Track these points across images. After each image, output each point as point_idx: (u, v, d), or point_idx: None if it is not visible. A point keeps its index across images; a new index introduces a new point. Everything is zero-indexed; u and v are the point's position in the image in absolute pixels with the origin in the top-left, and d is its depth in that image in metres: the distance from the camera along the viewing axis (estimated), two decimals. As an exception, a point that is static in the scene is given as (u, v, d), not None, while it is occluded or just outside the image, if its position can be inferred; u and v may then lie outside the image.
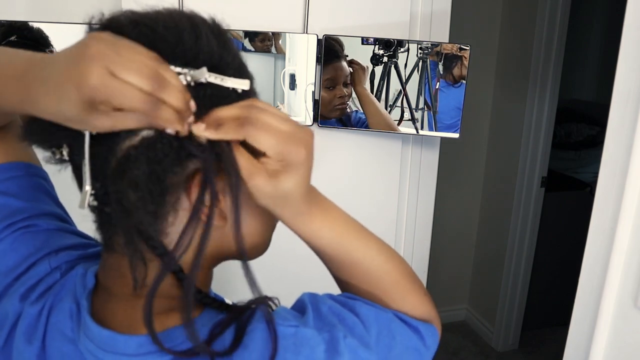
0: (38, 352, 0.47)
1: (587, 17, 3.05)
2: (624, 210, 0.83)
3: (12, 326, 0.49)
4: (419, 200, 1.62)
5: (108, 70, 0.37)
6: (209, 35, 0.44)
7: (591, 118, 3.01)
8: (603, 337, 0.89)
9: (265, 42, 1.34)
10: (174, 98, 0.40)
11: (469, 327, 2.88)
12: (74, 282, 0.50)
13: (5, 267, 0.52)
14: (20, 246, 0.53)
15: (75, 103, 0.38)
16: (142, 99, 0.38)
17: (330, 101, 1.39)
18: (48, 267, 0.52)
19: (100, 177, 0.42)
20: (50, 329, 0.48)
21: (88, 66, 0.37)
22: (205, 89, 0.43)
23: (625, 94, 0.83)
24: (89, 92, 0.37)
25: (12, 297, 0.50)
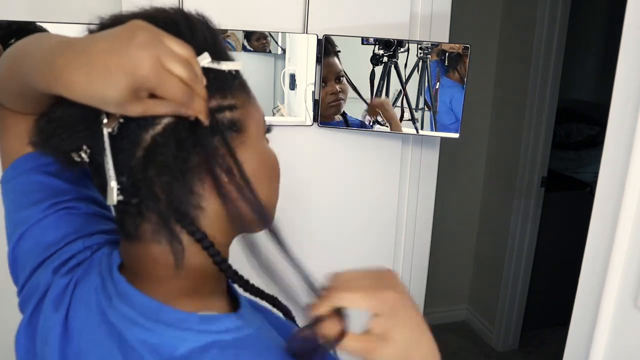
0: (62, 320, 0.50)
1: (587, 17, 3.05)
2: (624, 210, 0.83)
3: (42, 295, 0.53)
4: (419, 200, 1.62)
5: (157, 60, 0.40)
6: (201, 24, 0.48)
7: (591, 118, 3.01)
8: (603, 337, 0.89)
9: (260, 41, 1.33)
10: (202, 89, 0.44)
11: (469, 327, 2.88)
12: (99, 260, 0.54)
13: (45, 242, 0.56)
14: (62, 225, 0.57)
15: (122, 89, 0.40)
16: (183, 89, 0.42)
17: (323, 99, 1.38)
18: (82, 245, 0.56)
19: (125, 170, 0.45)
20: (74, 300, 0.51)
21: (141, 55, 0.39)
22: (208, 73, 0.46)
23: (625, 94, 0.83)
24: (141, 80, 0.40)
25: (46, 269, 0.54)
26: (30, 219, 0.57)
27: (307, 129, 1.42)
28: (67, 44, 0.43)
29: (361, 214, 1.55)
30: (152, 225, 0.48)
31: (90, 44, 0.41)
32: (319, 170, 1.48)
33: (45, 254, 0.56)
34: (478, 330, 2.82)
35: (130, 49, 0.39)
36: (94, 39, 0.42)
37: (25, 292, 0.56)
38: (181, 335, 0.45)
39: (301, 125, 1.41)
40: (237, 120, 0.50)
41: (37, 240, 0.57)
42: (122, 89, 0.40)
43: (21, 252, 0.57)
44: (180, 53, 0.42)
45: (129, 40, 0.40)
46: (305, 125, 1.41)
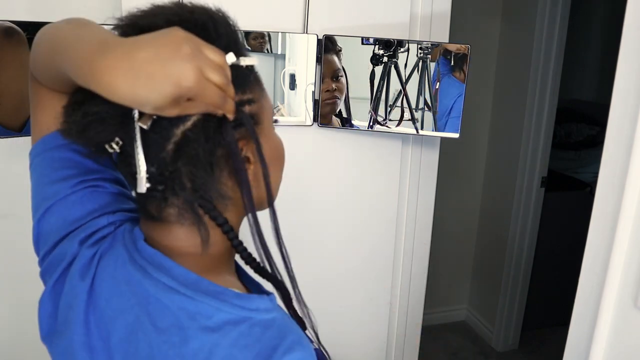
0: (88, 288, 0.54)
1: (587, 17, 3.05)
2: (624, 210, 0.83)
3: (68, 264, 0.57)
4: (419, 200, 1.62)
5: (201, 71, 0.43)
6: (223, 22, 0.51)
7: (591, 118, 3.01)
8: (603, 337, 0.89)
9: (258, 40, 1.33)
10: (232, 91, 0.48)
11: (469, 327, 2.88)
12: (122, 235, 0.57)
13: (72, 217, 0.59)
14: (88, 202, 0.60)
15: (166, 97, 0.43)
16: (220, 95, 0.46)
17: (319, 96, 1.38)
18: (106, 221, 0.60)
19: (155, 161, 0.49)
20: (100, 270, 0.55)
21: (186, 66, 0.42)
22: (231, 71, 0.49)
23: (625, 94, 0.83)
24: (186, 91, 0.43)
25: (72, 240, 0.58)
26: (58, 194, 0.60)
27: (307, 129, 1.42)
28: (109, 46, 0.44)
29: (361, 214, 1.55)
30: (176, 209, 0.52)
31: (133, 50, 0.43)
32: (319, 170, 1.48)
33: (71, 227, 0.59)
34: (478, 330, 2.82)
35: (177, 61, 0.42)
36: (137, 44, 0.43)
37: (48, 262, 0.59)
38: (218, 306, 0.50)
39: (301, 125, 1.41)
40: (255, 113, 0.54)
41: (63, 215, 0.60)
42: (166, 96, 0.43)
43: (47, 224, 0.60)
44: (216, 60, 0.45)
45: (175, 52, 0.42)
46: (305, 125, 1.41)
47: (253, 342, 0.49)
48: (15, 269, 1.30)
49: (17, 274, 1.28)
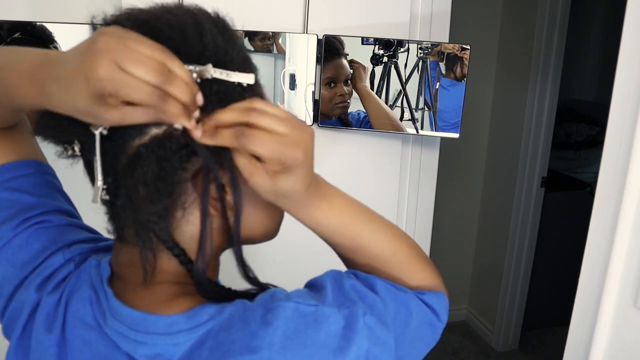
0: (58, 340, 0.49)
1: (587, 17, 3.05)
2: (624, 210, 0.83)
3: (28, 316, 0.51)
4: (419, 200, 1.62)
5: (116, 64, 0.38)
6: (213, 30, 0.45)
7: (591, 118, 3.01)
8: (603, 337, 0.89)
9: (265, 41, 1.34)
10: (180, 91, 0.41)
11: (469, 327, 2.88)
12: (88, 272, 0.52)
13: (21, 260, 0.54)
14: (35, 241, 0.55)
15: (85, 96, 0.39)
16: (149, 92, 0.39)
17: (331, 99, 1.39)
18: (62, 259, 0.54)
19: (111, 172, 0.45)
20: (69, 317, 0.49)
21: (96, 59, 0.38)
22: (212, 84, 0.44)
23: (625, 94, 0.83)
24: (97, 84, 0.38)
25: (28, 288, 0.52)
26: (1, 240, 0.54)
27: (307, 129, 1.42)
28: (48, 57, 0.43)
29: (361, 214, 1.55)
30: (132, 230, 0.46)
31: (64, 55, 0.41)
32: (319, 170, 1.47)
33: (24, 273, 0.53)
34: (478, 330, 2.82)
35: (89, 56, 0.39)
36: (68, 51, 0.42)
37: (7, 316, 0.53)
38: (175, 340, 0.45)
39: (301, 125, 1.41)
40: None
41: (11, 261, 0.54)
42: (84, 95, 0.39)
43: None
44: (149, 54, 0.39)
45: (89, 47, 0.39)
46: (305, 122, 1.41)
47: (228, 346, 0.44)
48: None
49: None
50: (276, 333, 0.44)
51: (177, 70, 0.41)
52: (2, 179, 0.56)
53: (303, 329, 0.44)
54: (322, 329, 0.45)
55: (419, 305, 0.55)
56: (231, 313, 0.46)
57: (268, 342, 0.43)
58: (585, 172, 2.90)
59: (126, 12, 0.46)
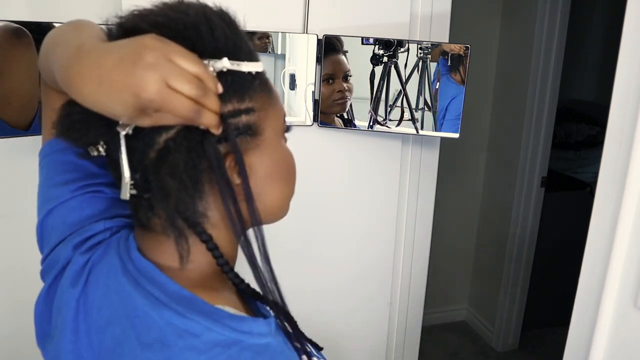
0: (78, 296, 0.52)
1: (587, 17, 3.05)
2: (624, 210, 0.83)
3: (61, 269, 0.56)
4: (419, 200, 1.62)
5: (164, 81, 0.41)
6: (221, 24, 0.48)
7: (591, 118, 3.01)
8: (603, 337, 0.89)
9: (263, 40, 1.34)
10: (213, 103, 0.44)
11: (469, 327, 2.88)
12: (117, 243, 0.55)
13: (71, 220, 0.59)
14: (87, 207, 0.60)
15: (129, 107, 0.41)
16: (191, 108, 0.42)
17: (329, 96, 1.38)
18: (102, 226, 0.59)
19: (139, 168, 0.47)
20: (92, 279, 0.53)
21: (146, 77, 0.40)
22: (227, 77, 0.47)
23: (625, 94, 0.83)
24: (146, 102, 0.41)
25: (67, 244, 0.57)
26: (59, 198, 0.60)
27: (307, 129, 1.42)
28: (83, 52, 0.44)
29: (361, 214, 1.55)
30: (161, 220, 0.50)
31: (102, 56, 0.42)
32: (319, 170, 1.48)
33: (69, 232, 0.59)
34: (478, 330, 2.82)
35: (136, 70, 0.40)
36: (106, 51, 0.43)
37: (47, 264, 0.59)
38: (209, 325, 0.47)
39: (301, 125, 1.41)
40: (253, 124, 0.51)
41: (63, 219, 0.60)
42: (127, 107, 0.41)
43: (48, 226, 0.61)
44: (190, 70, 0.42)
45: (135, 61, 0.41)
46: (305, 125, 1.41)
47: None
48: (16, 269, 1.30)
49: (17, 273, 1.28)
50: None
51: (210, 82, 0.44)
52: None
53: None
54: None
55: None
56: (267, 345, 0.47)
57: None
58: (585, 172, 2.90)
59: (139, 14, 0.48)
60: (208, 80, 0.44)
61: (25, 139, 1.10)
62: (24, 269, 0.94)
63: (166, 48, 0.42)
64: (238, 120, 0.49)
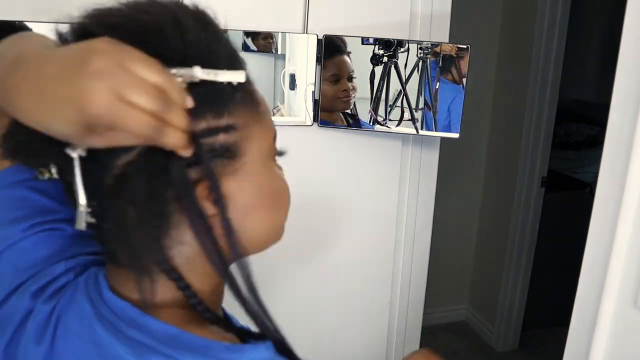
0: (45, 353, 0.45)
1: (587, 17, 3.05)
2: (624, 210, 0.83)
3: (19, 324, 0.47)
4: (419, 200, 1.62)
5: (115, 93, 0.33)
6: (195, 27, 0.40)
7: (591, 118, 3.01)
8: (603, 337, 0.89)
9: (267, 40, 1.34)
10: (179, 119, 0.37)
11: (469, 327, 2.88)
12: (86, 284, 0.48)
13: (24, 264, 0.51)
14: (42, 248, 0.52)
15: (71, 125, 0.34)
16: (149, 124, 0.35)
17: (334, 95, 1.39)
18: (63, 267, 0.51)
19: (96, 194, 0.40)
20: (60, 331, 0.45)
21: (91, 87, 0.33)
22: (200, 88, 0.39)
23: (625, 94, 0.83)
24: (94, 118, 0.34)
25: (23, 294, 0.48)
26: (8, 239, 0.51)
27: (307, 129, 1.42)
28: (22, 61, 0.37)
29: (361, 214, 1.55)
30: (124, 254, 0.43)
31: (43, 65, 0.36)
32: (319, 170, 1.48)
33: (23, 277, 0.50)
34: (478, 330, 2.82)
35: (82, 79, 0.33)
36: (48, 58, 0.36)
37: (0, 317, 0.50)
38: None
39: (301, 125, 1.41)
40: (233, 144, 0.43)
41: (14, 262, 0.51)
42: (71, 124, 0.34)
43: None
44: (149, 79, 0.35)
45: (82, 67, 0.33)
46: (305, 125, 1.41)
47: None
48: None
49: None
50: None
51: (175, 94, 0.36)
52: (26, 177, 0.53)
53: None
54: None
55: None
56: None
57: None
58: (585, 172, 2.90)
59: (95, 13, 0.41)
60: (172, 92, 0.36)
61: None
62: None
63: (120, 53, 0.35)
64: (214, 140, 0.42)
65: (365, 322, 1.66)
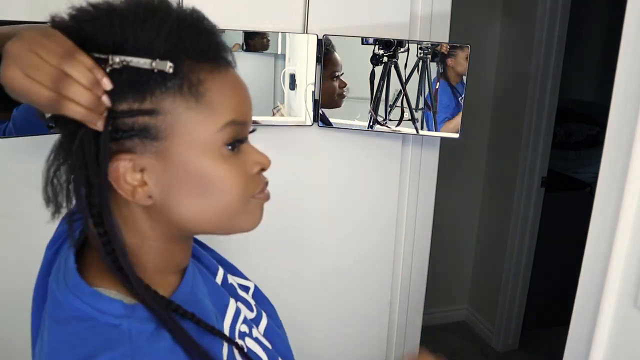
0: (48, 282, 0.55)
1: (587, 17, 3.05)
2: (624, 210, 0.83)
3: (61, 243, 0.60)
4: (419, 200, 1.62)
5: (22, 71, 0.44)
6: (128, 19, 0.47)
7: (591, 118, 3.01)
8: (603, 337, 0.89)
9: (263, 40, 1.34)
10: (78, 95, 0.44)
11: (469, 327, 2.88)
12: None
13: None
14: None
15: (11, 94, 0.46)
16: (47, 97, 0.44)
17: (335, 91, 1.39)
18: None
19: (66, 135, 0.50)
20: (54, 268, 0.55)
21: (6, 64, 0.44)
22: (121, 73, 0.46)
23: (625, 94, 0.83)
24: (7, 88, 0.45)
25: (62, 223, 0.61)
26: None
27: (307, 129, 1.41)
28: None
29: (361, 214, 1.55)
30: None
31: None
32: (318, 170, 1.48)
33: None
34: (478, 330, 2.82)
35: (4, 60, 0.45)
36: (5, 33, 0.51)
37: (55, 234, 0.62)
38: (71, 300, 0.48)
39: (301, 125, 1.41)
40: (154, 127, 0.48)
41: None
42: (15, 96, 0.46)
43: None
44: (50, 61, 0.44)
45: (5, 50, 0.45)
46: (305, 125, 1.41)
47: (80, 343, 0.45)
48: (16, 268, 1.30)
49: (18, 273, 1.28)
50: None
51: (76, 74, 0.44)
52: None
53: None
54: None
55: None
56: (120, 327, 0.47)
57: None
58: (585, 172, 2.90)
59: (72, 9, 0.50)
60: (73, 72, 0.44)
61: (26, 138, 1.10)
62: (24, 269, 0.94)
63: (34, 40, 0.45)
64: (133, 120, 0.48)
65: (365, 322, 1.66)
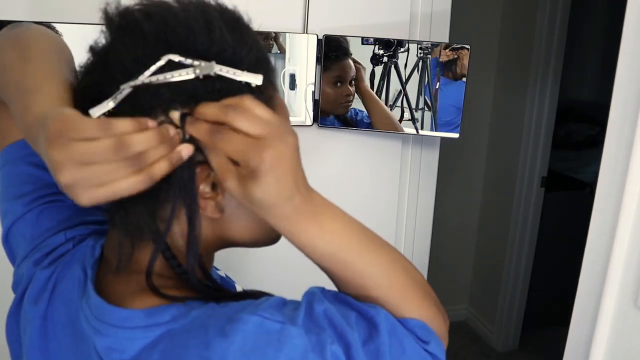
0: (42, 314, 0.50)
1: (587, 17, 3.05)
2: (624, 210, 0.83)
3: (25, 287, 0.53)
4: (419, 200, 1.62)
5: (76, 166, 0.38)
6: (222, 28, 0.44)
7: (591, 118, 3.01)
8: (603, 337, 0.89)
9: (267, 41, 1.34)
10: (154, 156, 0.39)
11: (469, 327, 2.88)
12: (83, 253, 0.52)
13: (30, 235, 0.56)
14: (45, 219, 0.56)
15: None
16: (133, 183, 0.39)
17: (336, 98, 1.39)
18: (63, 237, 0.55)
19: None
20: (57, 294, 0.50)
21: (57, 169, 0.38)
22: (215, 82, 0.43)
23: (625, 94, 0.83)
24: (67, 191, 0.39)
25: (28, 261, 0.54)
26: (15, 213, 0.57)
27: (307, 129, 1.42)
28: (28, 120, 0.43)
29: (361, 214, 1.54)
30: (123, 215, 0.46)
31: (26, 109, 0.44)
32: (319, 170, 1.48)
33: (30, 247, 0.56)
34: (478, 330, 2.82)
35: (49, 159, 0.38)
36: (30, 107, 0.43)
37: (14, 281, 0.57)
38: (130, 335, 0.43)
39: (301, 125, 1.41)
40: None
41: (22, 233, 0.57)
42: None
43: (12, 240, 0.58)
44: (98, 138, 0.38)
45: (47, 150, 0.38)
46: (305, 125, 1.41)
47: (180, 351, 0.42)
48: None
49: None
50: (230, 348, 0.40)
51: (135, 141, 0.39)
52: (26, 153, 0.58)
53: (263, 347, 0.41)
54: (284, 350, 0.41)
55: (416, 347, 0.50)
56: (195, 317, 0.43)
57: (220, 355, 0.40)
58: (585, 172, 2.90)
59: (139, 3, 0.45)
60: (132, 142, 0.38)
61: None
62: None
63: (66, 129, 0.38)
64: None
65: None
